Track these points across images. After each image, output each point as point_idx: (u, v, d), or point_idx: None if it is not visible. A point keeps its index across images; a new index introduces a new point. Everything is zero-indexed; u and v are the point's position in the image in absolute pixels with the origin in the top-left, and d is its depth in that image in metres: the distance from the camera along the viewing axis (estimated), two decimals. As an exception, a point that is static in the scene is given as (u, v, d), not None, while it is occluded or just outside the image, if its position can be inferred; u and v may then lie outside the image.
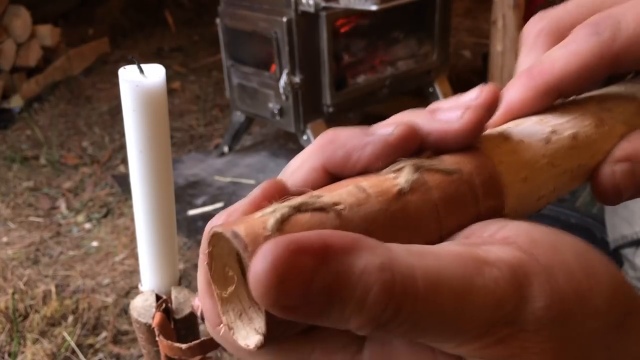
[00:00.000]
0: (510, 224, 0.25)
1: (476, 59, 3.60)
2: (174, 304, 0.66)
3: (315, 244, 0.20)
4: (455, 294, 0.21)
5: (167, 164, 0.61)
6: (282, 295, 0.20)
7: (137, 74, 0.55)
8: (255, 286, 0.20)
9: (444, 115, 0.27)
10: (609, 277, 0.24)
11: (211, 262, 0.25)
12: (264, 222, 0.23)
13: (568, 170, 0.29)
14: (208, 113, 3.17)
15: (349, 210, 0.24)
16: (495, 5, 2.61)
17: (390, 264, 0.20)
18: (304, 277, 0.20)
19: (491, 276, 0.22)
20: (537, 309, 0.22)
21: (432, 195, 0.25)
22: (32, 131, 3.02)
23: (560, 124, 0.30)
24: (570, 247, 0.24)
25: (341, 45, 2.46)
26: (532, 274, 0.23)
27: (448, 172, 0.26)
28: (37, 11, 3.36)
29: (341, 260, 0.20)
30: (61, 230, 2.27)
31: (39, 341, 1.73)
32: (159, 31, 4.34)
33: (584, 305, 0.23)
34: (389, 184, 0.25)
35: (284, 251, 0.20)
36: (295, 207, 0.23)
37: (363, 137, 0.26)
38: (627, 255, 1.41)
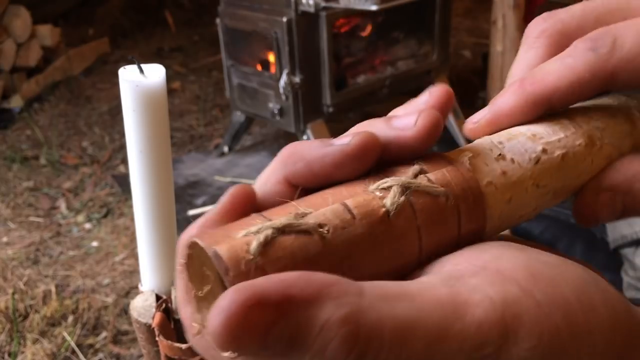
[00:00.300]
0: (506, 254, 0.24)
1: (476, 59, 3.60)
2: (174, 304, 0.66)
3: (276, 296, 0.20)
4: (427, 342, 0.21)
5: (167, 164, 0.61)
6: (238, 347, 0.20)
7: (137, 74, 0.55)
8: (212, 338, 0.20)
9: (398, 122, 0.27)
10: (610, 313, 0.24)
11: (189, 263, 0.26)
12: (247, 243, 0.23)
13: (552, 191, 0.29)
14: (208, 113, 3.17)
15: (333, 233, 0.24)
16: (495, 5, 2.61)
17: (356, 315, 0.20)
18: (259, 331, 0.20)
19: (473, 320, 0.21)
20: (523, 349, 0.22)
21: (416, 219, 0.25)
22: (32, 131, 3.02)
23: (551, 142, 0.30)
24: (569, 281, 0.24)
25: (341, 45, 2.46)
26: (522, 313, 0.22)
27: (435, 195, 0.26)
28: (37, 11, 3.36)
29: (303, 312, 0.20)
30: (61, 230, 2.27)
31: (39, 341, 1.73)
32: (159, 31, 4.34)
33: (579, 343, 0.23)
34: (375, 204, 0.25)
35: (240, 307, 0.19)
36: (279, 228, 0.23)
37: (321, 148, 0.26)
38: (627, 255, 1.41)
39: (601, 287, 0.24)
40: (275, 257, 0.23)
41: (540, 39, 0.33)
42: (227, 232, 0.24)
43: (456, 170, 0.27)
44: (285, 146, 0.27)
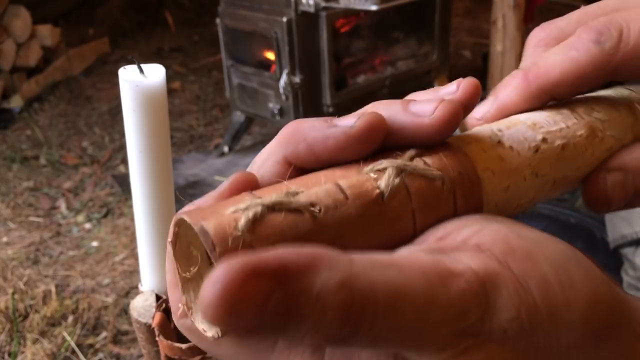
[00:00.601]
0: (487, 229, 0.24)
1: (476, 59, 3.60)
2: (174, 304, 0.66)
3: (271, 266, 0.19)
4: (416, 308, 0.21)
5: (167, 164, 0.61)
6: (233, 320, 0.19)
7: (137, 74, 0.55)
8: (204, 311, 0.19)
9: (416, 108, 0.26)
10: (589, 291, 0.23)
11: (175, 241, 0.25)
12: (235, 220, 0.22)
13: (550, 181, 0.29)
14: (208, 113, 3.17)
15: (325, 213, 0.23)
16: (495, 5, 2.61)
17: (350, 280, 0.20)
18: (257, 302, 0.19)
19: (457, 288, 0.22)
20: (503, 320, 0.22)
21: (410, 202, 0.25)
22: (32, 131, 3.02)
23: (552, 131, 0.29)
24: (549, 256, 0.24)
25: (341, 45, 2.46)
26: (501, 284, 0.22)
27: (430, 178, 0.25)
28: (37, 11, 3.36)
29: (298, 281, 0.19)
30: (61, 230, 2.27)
31: (39, 341, 1.73)
32: (159, 31, 4.34)
33: (557, 319, 0.23)
34: (369, 186, 0.24)
35: (237, 276, 0.19)
36: (269, 205, 0.23)
37: (324, 129, 0.25)
38: (626, 254, 1.41)
39: (583, 264, 0.24)
40: (264, 234, 0.22)
41: (539, 48, 0.33)
42: (215, 208, 0.23)
43: (453, 155, 0.26)
44: (288, 124, 0.27)
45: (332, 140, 0.25)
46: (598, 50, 0.29)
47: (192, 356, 0.62)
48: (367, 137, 0.25)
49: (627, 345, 0.24)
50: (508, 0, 2.54)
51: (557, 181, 0.29)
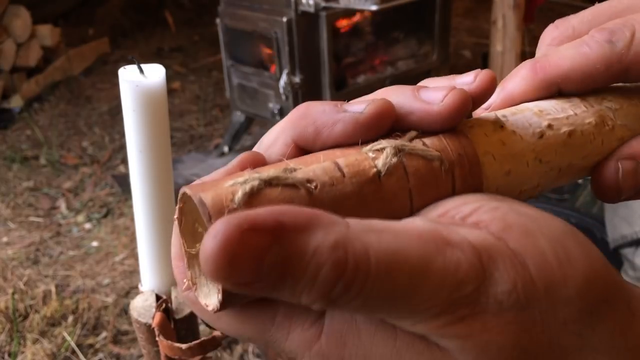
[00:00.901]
0: (485, 206, 0.24)
1: (476, 59, 3.60)
2: (174, 304, 0.66)
3: (269, 222, 0.20)
4: (410, 274, 0.21)
5: (167, 164, 0.61)
6: (232, 273, 0.20)
7: (137, 74, 0.55)
8: (205, 264, 0.20)
9: (426, 95, 0.26)
10: (586, 267, 0.24)
11: (181, 218, 0.26)
12: (232, 192, 0.23)
13: (556, 168, 0.29)
14: (208, 113, 3.17)
15: (321, 189, 0.24)
16: (495, 6, 2.61)
17: (344, 242, 0.20)
18: (254, 256, 0.20)
19: (452, 257, 0.22)
20: (500, 292, 0.22)
21: (408, 181, 0.25)
22: (32, 131, 3.02)
23: (558, 118, 0.29)
24: (546, 233, 0.24)
25: (341, 45, 2.46)
26: (498, 258, 0.23)
27: (429, 158, 0.25)
28: (37, 11, 3.36)
29: (294, 239, 0.20)
30: (61, 230, 2.27)
31: (39, 341, 1.73)
32: (159, 31, 4.34)
33: (554, 294, 0.23)
34: (366, 165, 0.25)
35: (236, 230, 0.19)
36: (266, 180, 0.23)
37: (334, 114, 0.26)
38: (627, 255, 1.41)
39: (580, 240, 0.24)
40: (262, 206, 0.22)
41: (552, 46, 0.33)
42: (215, 182, 0.24)
43: (454, 138, 0.26)
44: (298, 106, 0.27)
45: (341, 125, 0.26)
46: (609, 48, 0.29)
47: (192, 356, 0.62)
48: (375, 123, 0.26)
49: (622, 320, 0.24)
50: (508, 0, 2.54)
51: (562, 169, 0.29)
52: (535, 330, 0.23)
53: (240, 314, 0.26)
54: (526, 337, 0.23)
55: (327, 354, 0.24)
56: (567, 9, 4.40)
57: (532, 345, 0.23)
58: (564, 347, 0.24)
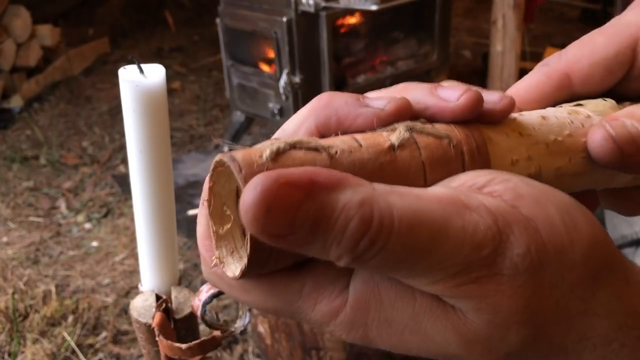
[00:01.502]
0: (498, 178, 0.26)
1: (476, 58, 3.60)
2: (174, 304, 0.66)
3: (303, 179, 0.22)
4: (431, 233, 0.23)
5: (167, 164, 0.61)
6: (269, 223, 0.21)
7: (137, 74, 0.55)
8: (245, 214, 0.21)
9: (443, 92, 0.29)
10: (590, 233, 0.25)
11: (211, 199, 0.27)
12: (260, 151, 0.25)
13: (542, 142, 0.30)
14: (208, 113, 3.17)
15: (341, 154, 0.26)
16: (495, 5, 2.61)
17: (371, 200, 0.22)
18: (290, 208, 0.21)
19: (471, 220, 0.23)
20: (515, 255, 0.24)
21: (420, 154, 0.27)
22: (32, 131, 3.02)
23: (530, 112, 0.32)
24: (555, 202, 0.26)
25: (341, 45, 2.46)
26: (513, 222, 0.24)
27: (438, 137, 0.28)
28: (37, 11, 3.36)
29: (326, 195, 0.22)
30: (61, 230, 2.27)
31: (39, 341, 1.73)
32: (159, 31, 4.34)
33: (562, 258, 0.25)
34: (381, 139, 0.27)
35: (274, 183, 0.21)
36: (290, 143, 0.25)
37: (356, 107, 0.28)
38: (627, 255, 1.41)
39: (583, 211, 0.26)
40: (286, 165, 0.24)
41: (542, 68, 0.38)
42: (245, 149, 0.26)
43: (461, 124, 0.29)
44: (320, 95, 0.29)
45: (362, 119, 0.28)
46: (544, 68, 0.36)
47: (192, 356, 0.62)
48: (395, 119, 0.28)
49: (619, 286, 0.26)
50: (508, 0, 2.54)
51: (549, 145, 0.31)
52: (545, 293, 0.24)
53: (268, 286, 0.27)
54: (536, 299, 0.24)
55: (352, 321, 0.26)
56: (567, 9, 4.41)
57: (541, 308, 0.24)
58: (569, 310, 0.25)
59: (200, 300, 0.57)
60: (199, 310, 0.57)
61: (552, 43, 3.36)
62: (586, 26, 4.04)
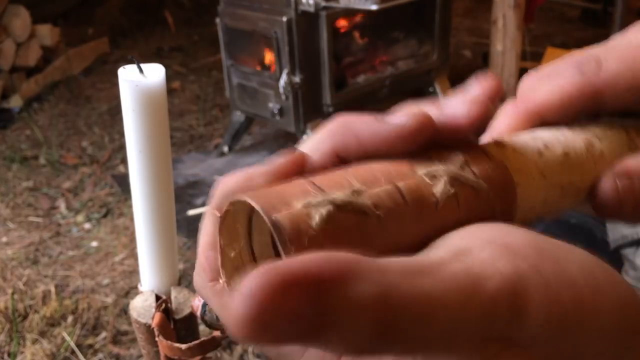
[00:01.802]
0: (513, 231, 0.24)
1: (476, 58, 3.60)
2: (174, 304, 0.66)
3: (306, 277, 0.18)
4: (448, 317, 0.20)
5: (167, 164, 0.60)
6: (266, 335, 0.18)
7: (136, 73, 0.55)
8: (237, 326, 0.18)
9: (450, 109, 0.27)
10: (617, 295, 0.23)
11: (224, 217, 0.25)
12: (308, 216, 0.22)
13: (558, 185, 0.29)
14: (208, 113, 3.17)
15: (386, 216, 0.23)
16: (496, 5, 2.61)
17: (385, 293, 0.19)
18: (291, 314, 0.18)
19: (487, 294, 0.21)
20: (533, 325, 0.21)
21: (459, 211, 0.25)
22: (32, 131, 3.02)
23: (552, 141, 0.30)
24: (577, 262, 0.23)
25: (341, 45, 2.46)
26: (531, 287, 0.22)
27: (477, 189, 0.26)
28: (36, 11, 3.36)
29: (333, 293, 0.19)
30: (61, 230, 2.27)
31: (39, 341, 1.73)
32: (159, 31, 4.34)
33: (587, 325, 0.22)
34: (425, 192, 0.25)
35: (271, 288, 0.18)
36: (338, 205, 0.23)
37: (376, 126, 0.26)
38: (627, 255, 1.41)
39: (607, 269, 0.24)
40: (334, 234, 0.22)
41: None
42: (281, 196, 0.23)
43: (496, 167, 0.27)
44: (336, 116, 0.27)
45: (383, 136, 0.26)
46: (579, 76, 0.32)
47: (191, 356, 0.62)
48: (417, 136, 0.26)
49: None
50: (508, 0, 2.54)
51: (564, 186, 0.30)
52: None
53: None
54: None
55: None
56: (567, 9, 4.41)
57: None
58: None
59: (200, 300, 0.57)
60: (198, 310, 0.57)
61: (553, 43, 3.35)
62: (586, 26, 4.05)
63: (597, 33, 3.74)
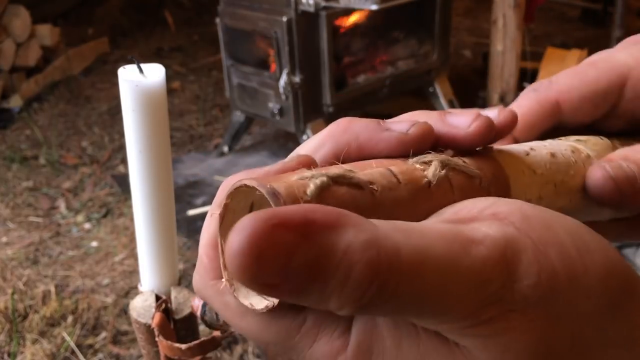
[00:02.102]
0: (501, 201, 0.25)
1: (477, 58, 3.60)
2: (174, 304, 0.66)
3: (297, 219, 0.19)
4: (440, 274, 0.21)
5: (167, 164, 0.60)
6: (259, 272, 0.19)
7: (136, 73, 0.55)
8: (231, 261, 0.19)
9: (453, 120, 0.28)
10: (605, 257, 0.24)
11: (224, 215, 0.25)
12: (304, 185, 0.22)
13: (551, 182, 0.30)
14: (208, 113, 3.17)
15: (381, 192, 0.24)
16: (496, 5, 2.61)
17: (376, 241, 0.20)
18: (283, 253, 0.19)
19: (478, 255, 0.22)
20: (525, 287, 0.22)
21: (453, 194, 0.26)
22: (32, 131, 3.02)
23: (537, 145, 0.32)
24: (564, 225, 0.24)
25: (341, 45, 2.46)
26: (521, 250, 0.22)
27: (470, 176, 0.27)
28: (36, 11, 3.36)
29: (324, 236, 0.19)
30: (61, 230, 2.27)
31: (39, 341, 1.73)
32: (159, 31, 4.34)
33: (576, 285, 0.23)
34: (417, 174, 0.26)
35: (264, 225, 0.19)
36: (333, 178, 0.23)
37: (378, 132, 0.27)
38: (627, 255, 1.41)
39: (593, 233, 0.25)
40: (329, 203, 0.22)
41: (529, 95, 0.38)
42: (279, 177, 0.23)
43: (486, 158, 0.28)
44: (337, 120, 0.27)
45: (385, 143, 0.26)
46: (534, 93, 0.36)
47: (191, 356, 0.62)
48: (418, 144, 0.27)
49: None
50: (508, 0, 2.54)
51: (557, 184, 0.30)
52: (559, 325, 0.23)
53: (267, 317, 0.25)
54: (549, 333, 0.22)
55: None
56: (567, 8, 4.40)
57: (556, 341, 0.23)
58: (586, 342, 0.23)
59: (200, 300, 0.57)
60: (198, 310, 0.56)
61: (553, 43, 3.35)
62: (586, 26, 4.05)
63: (597, 33, 3.74)
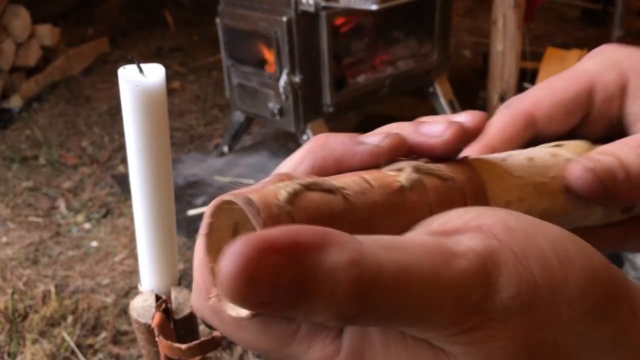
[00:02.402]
0: (486, 212, 0.25)
1: (477, 58, 3.60)
2: (174, 304, 0.66)
3: (285, 241, 0.21)
4: (421, 288, 0.22)
5: (167, 164, 0.60)
6: (250, 294, 0.20)
7: (136, 73, 0.55)
8: (224, 285, 0.20)
9: (427, 129, 0.29)
10: (587, 265, 0.24)
11: (210, 234, 0.26)
12: (276, 193, 0.24)
13: (530, 184, 0.31)
14: (208, 113, 3.17)
15: (354, 196, 0.25)
16: (496, 5, 2.61)
17: (359, 259, 0.21)
18: (272, 275, 0.20)
19: (459, 267, 0.23)
20: (505, 297, 0.23)
21: (427, 196, 0.27)
22: (32, 131, 3.02)
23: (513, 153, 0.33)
24: (547, 235, 0.25)
25: (341, 45, 2.46)
26: (501, 262, 0.23)
27: (444, 178, 0.28)
28: (36, 11, 3.36)
29: (310, 257, 0.21)
30: (61, 230, 2.27)
31: (39, 341, 1.73)
32: (159, 31, 4.34)
33: (557, 294, 0.24)
34: (390, 179, 0.27)
35: (255, 251, 0.20)
36: (305, 185, 0.24)
37: (353, 146, 0.28)
38: (627, 255, 1.41)
39: (579, 242, 0.25)
40: (303, 207, 0.24)
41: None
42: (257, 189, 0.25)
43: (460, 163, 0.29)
44: (315, 136, 0.29)
45: (359, 157, 0.28)
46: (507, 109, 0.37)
47: (191, 356, 0.62)
48: (392, 155, 0.28)
49: (625, 320, 0.25)
50: (508, 0, 2.54)
51: (537, 186, 0.31)
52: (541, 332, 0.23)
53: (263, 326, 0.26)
54: (532, 339, 0.23)
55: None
56: (567, 8, 4.40)
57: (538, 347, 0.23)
58: (569, 348, 0.24)
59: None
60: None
61: (553, 43, 3.36)
62: (586, 26, 4.05)
63: (597, 33, 3.74)
